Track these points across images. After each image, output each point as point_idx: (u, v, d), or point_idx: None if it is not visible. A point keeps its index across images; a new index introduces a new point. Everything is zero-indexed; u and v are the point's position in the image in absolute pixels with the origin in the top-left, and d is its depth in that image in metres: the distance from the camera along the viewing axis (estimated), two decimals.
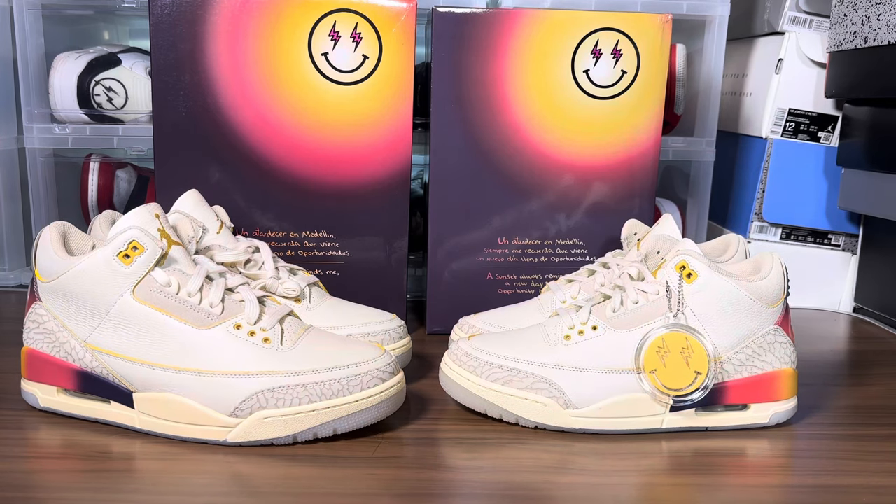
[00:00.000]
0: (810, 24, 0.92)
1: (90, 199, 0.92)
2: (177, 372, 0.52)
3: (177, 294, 0.52)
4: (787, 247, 0.95)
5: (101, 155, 0.95)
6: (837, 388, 0.68)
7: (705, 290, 0.55)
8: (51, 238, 0.54)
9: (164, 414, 0.52)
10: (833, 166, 0.93)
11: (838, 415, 0.62)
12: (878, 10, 0.80)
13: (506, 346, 0.57)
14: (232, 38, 0.71)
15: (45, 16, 0.87)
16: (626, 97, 0.75)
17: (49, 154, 0.89)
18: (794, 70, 0.93)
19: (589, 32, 0.74)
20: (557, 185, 0.77)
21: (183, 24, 0.70)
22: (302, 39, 0.71)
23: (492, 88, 0.74)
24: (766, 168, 0.94)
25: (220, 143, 0.72)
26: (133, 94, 0.87)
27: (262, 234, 0.75)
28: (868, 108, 0.87)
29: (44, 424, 0.55)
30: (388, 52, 0.72)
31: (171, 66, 0.71)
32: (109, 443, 0.52)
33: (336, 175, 0.74)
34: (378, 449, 0.53)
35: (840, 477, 0.51)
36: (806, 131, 0.93)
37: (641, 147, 0.77)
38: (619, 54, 0.74)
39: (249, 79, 0.71)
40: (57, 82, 0.86)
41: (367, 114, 0.73)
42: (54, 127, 0.87)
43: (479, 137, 0.75)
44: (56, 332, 0.54)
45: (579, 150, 0.76)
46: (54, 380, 0.55)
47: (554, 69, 0.74)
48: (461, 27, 0.73)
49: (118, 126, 0.87)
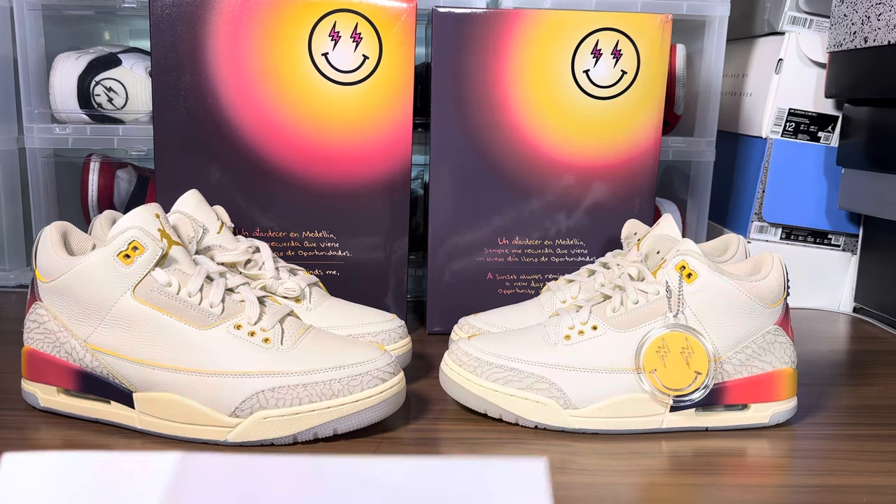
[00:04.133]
0: (810, 25, 0.92)
1: (90, 199, 0.92)
2: (177, 372, 0.52)
3: (177, 294, 0.52)
4: (787, 247, 0.95)
5: (102, 155, 0.94)
6: (837, 388, 0.68)
7: (705, 290, 0.55)
8: (51, 238, 0.54)
9: (165, 414, 0.52)
10: (833, 166, 0.93)
11: (838, 415, 0.62)
12: (877, 11, 0.80)
13: (506, 346, 0.57)
14: (232, 39, 0.71)
15: (45, 16, 0.87)
16: (626, 97, 0.75)
17: (49, 154, 0.89)
18: (794, 70, 0.93)
19: (589, 32, 0.74)
20: (557, 185, 0.77)
21: (183, 24, 0.70)
22: (302, 40, 0.71)
23: (492, 88, 0.74)
24: (766, 168, 0.94)
25: (220, 143, 0.72)
26: (133, 95, 0.87)
27: (263, 234, 0.75)
28: (868, 108, 0.87)
29: (44, 424, 0.55)
30: (389, 53, 0.72)
31: (172, 67, 0.71)
32: (110, 443, 0.52)
33: (336, 175, 0.74)
34: (378, 449, 0.53)
35: (840, 477, 0.51)
36: (806, 131, 0.93)
37: (641, 147, 0.77)
38: (619, 54, 0.74)
39: (250, 79, 0.71)
40: (57, 82, 0.86)
41: (367, 114, 0.73)
42: (55, 127, 0.87)
43: (479, 137, 0.75)
44: (56, 332, 0.54)
45: (579, 150, 0.76)
46: (55, 380, 0.55)
47: (554, 69, 0.74)
48: (461, 27, 0.73)
49: (118, 126, 0.87)
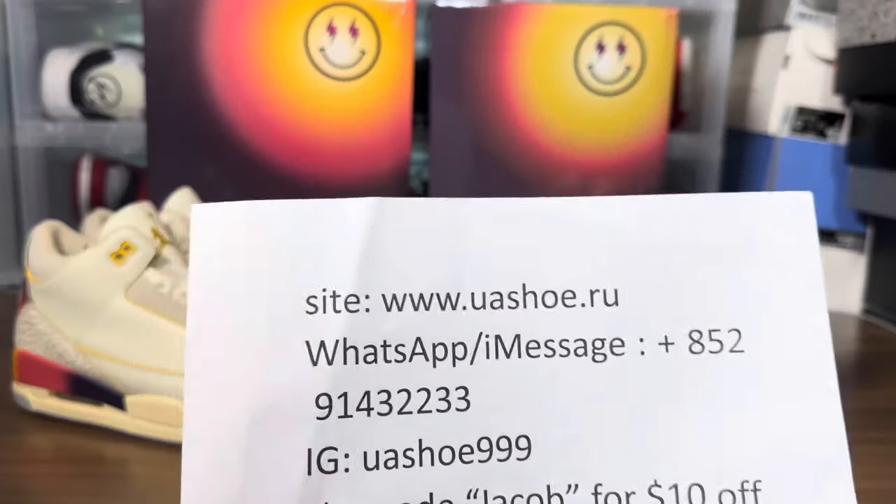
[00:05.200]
0: (818, 20, 0.91)
1: (82, 197, 0.91)
2: (170, 375, 0.51)
3: (170, 295, 0.52)
4: None
5: (93, 152, 0.94)
6: (846, 392, 0.66)
7: None
8: (42, 238, 0.54)
9: (157, 417, 0.51)
10: (841, 164, 0.91)
11: (847, 418, 0.60)
12: (885, 6, 0.79)
13: None
14: (226, 33, 0.70)
15: (37, 11, 0.86)
16: (631, 93, 0.74)
17: (41, 152, 0.88)
18: (801, 66, 0.92)
19: (593, 27, 0.73)
20: (561, 182, 0.76)
21: (176, 18, 0.69)
22: (298, 34, 0.70)
23: (493, 84, 0.73)
24: (773, 166, 0.93)
25: (214, 140, 0.72)
26: (126, 91, 0.87)
27: None
28: (877, 105, 0.86)
29: (36, 428, 0.54)
30: (387, 47, 0.71)
31: (164, 62, 0.70)
32: (103, 446, 0.51)
33: (333, 172, 0.73)
34: None
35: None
36: (814, 128, 0.92)
37: (647, 144, 0.76)
38: (624, 49, 0.73)
39: (244, 74, 0.71)
40: (49, 79, 0.86)
41: (365, 110, 0.72)
42: (46, 124, 0.86)
43: (479, 134, 0.74)
44: (48, 334, 0.54)
45: (583, 147, 0.75)
46: (46, 382, 0.54)
47: (557, 64, 0.73)
48: (461, 22, 0.72)
49: (111, 123, 0.86)
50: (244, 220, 0.27)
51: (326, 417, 0.26)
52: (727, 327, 0.29)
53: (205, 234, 0.27)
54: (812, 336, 0.31)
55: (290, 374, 0.27)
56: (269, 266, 0.27)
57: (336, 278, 0.27)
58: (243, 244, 0.27)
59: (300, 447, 0.26)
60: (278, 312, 0.27)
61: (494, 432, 0.27)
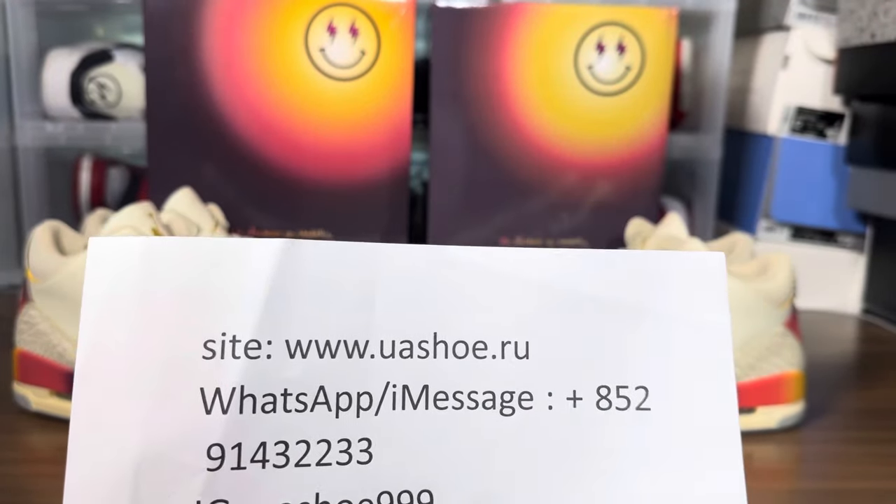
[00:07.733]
0: (817, 20, 0.91)
1: (82, 197, 0.91)
2: None
3: None
4: (794, 246, 0.94)
5: (94, 152, 0.94)
6: (846, 392, 0.67)
7: None
8: (43, 238, 0.54)
9: None
10: (841, 164, 0.91)
11: (847, 419, 0.61)
12: (885, 6, 0.79)
13: None
14: (227, 33, 0.70)
15: (37, 11, 0.86)
16: (631, 93, 0.74)
17: (41, 152, 0.88)
18: (801, 66, 0.91)
19: (593, 27, 0.73)
20: (560, 183, 0.76)
21: (176, 18, 0.69)
22: (298, 34, 0.70)
23: (493, 84, 0.73)
24: (773, 166, 0.93)
25: (214, 140, 0.71)
26: (126, 91, 0.87)
27: (258, 233, 0.74)
28: (877, 105, 0.86)
29: (36, 427, 0.54)
30: (387, 48, 0.71)
31: (165, 62, 0.70)
32: None
33: (334, 173, 0.73)
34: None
35: (849, 482, 0.50)
36: (813, 129, 0.92)
37: (647, 144, 0.76)
38: (624, 49, 0.73)
39: (244, 74, 0.70)
40: (49, 79, 0.86)
41: (365, 110, 0.72)
42: (46, 124, 0.86)
43: (479, 134, 0.74)
44: (48, 334, 0.53)
45: (583, 147, 0.75)
46: (46, 382, 0.54)
47: (556, 65, 0.73)
48: (462, 22, 0.72)
49: (111, 123, 0.86)
50: (141, 255, 0.26)
51: (218, 468, 0.25)
52: (635, 384, 0.29)
53: (99, 269, 0.26)
54: (719, 398, 0.30)
55: (182, 421, 0.25)
56: (166, 306, 0.26)
57: (237, 322, 0.26)
58: (139, 281, 0.26)
59: (189, 499, 0.25)
60: (173, 356, 0.26)
61: (396, 486, 0.26)
